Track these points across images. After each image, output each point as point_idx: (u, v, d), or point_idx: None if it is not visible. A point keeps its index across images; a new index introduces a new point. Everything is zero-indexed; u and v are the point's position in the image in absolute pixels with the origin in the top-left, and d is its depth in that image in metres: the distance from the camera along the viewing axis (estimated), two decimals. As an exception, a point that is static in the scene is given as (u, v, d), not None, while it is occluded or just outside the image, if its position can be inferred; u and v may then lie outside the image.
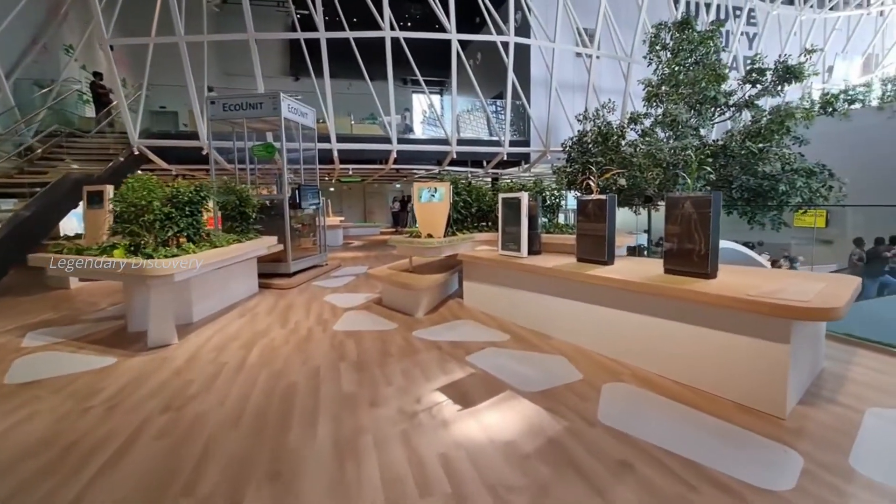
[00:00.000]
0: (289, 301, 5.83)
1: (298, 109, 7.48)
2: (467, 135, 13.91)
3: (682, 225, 3.20)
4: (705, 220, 3.07)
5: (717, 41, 9.35)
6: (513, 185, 5.76)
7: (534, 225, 4.72)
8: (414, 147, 12.25)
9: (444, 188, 5.07)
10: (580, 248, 4.12)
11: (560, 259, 4.31)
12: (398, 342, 4.02)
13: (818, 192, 8.02)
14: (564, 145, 10.79)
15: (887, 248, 9.05)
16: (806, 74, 8.67)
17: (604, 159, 10.00)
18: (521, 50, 14.83)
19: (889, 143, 11.78)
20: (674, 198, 3.27)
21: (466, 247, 5.27)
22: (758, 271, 3.39)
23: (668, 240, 3.32)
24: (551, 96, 12.63)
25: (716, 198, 3.05)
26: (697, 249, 3.14)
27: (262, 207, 6.98)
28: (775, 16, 14.96)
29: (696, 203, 3.12)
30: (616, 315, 3.41)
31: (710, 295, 2.67)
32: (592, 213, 3.96)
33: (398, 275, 5.09)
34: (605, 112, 10.41)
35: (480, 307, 5.08)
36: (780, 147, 8.44)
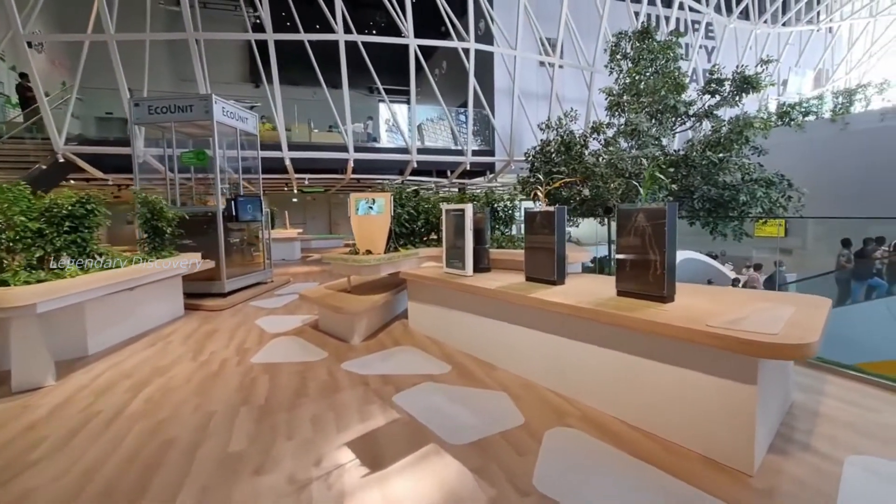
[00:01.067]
0: (214, 326, 5.18)
1: (236, 113, 6.87)
2: (433, 144, 13.52)
3: (636, 240, 2.80)
4: (660, 234, 2.68)
5: (676, 50, 9.28)
6: (462, 197, 5.32)
7: (481, 239, 4.28)
8: (372, 156, 11.73)
9: (383, 199, 4.57)
10: (528, 265, 3.69)
11: (509, 277, 3.87)
12: (321, 377, 3.46)
13: (778, 202, 7.94)
14: (527, 154, 10.50)
15: (875, 248, 8.81)
16: (763, 85, 8.66)
17: (567, 169, 9.75)
18: (484, 59, 14.62)
19: (841, 154, 12.03)
20: (625, 210, 2.87)
21: (411, 264, 4.77)
22: (720, 292, 3.02)
23: (621, 257, 2.91)
24: (514, 105, 12.40)
25: (671, 209, 2.67)
26: (653, 269, 2.75)
27: (192, 221, 6.32)
28: (732, 29, 15.31)
29: (649, 215, 2.73)
30: (564, 345, 2.98)
31: (664, 325, 2.25)
32: (541, 226, 3.54)
33: (331, 296, 4.54)
34: (567, 121, 10.19)
35: (425, 331, 4.58)
36: (740, 157, 8.36)
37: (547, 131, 10.35)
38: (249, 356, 4.03)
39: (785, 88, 15.69)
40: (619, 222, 2.91)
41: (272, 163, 10.64)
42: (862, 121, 11.65)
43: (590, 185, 9.43)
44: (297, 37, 10.21)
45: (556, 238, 3.40)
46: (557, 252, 3.41)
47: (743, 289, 3.15)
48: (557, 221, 3.40)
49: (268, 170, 11.50)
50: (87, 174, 9.99)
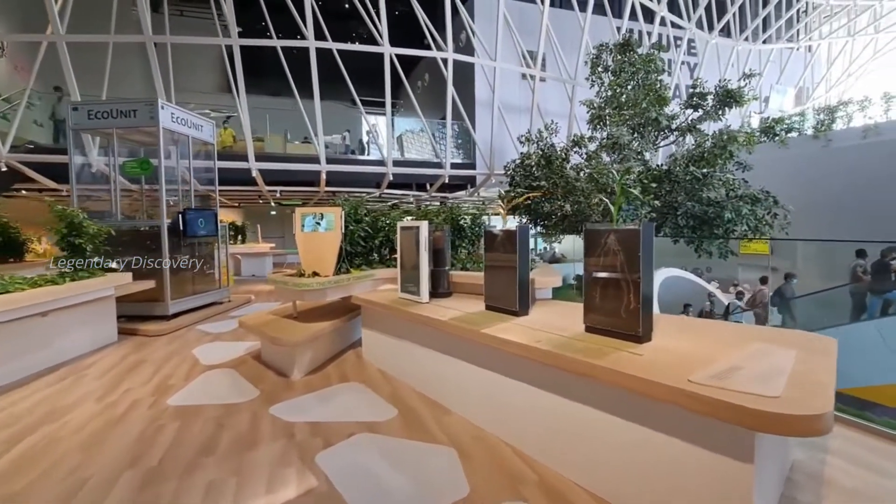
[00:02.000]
0: (143, 355, 4.59)
1: (188, 120, 6.37)
2: (414, 156, 13.13)
3: (606, 267, 2.35)
4: (633, 261, 2.23)
5: (658, 62, 9.06)
6: (429, 210, 4.86)
7: (440, 261, 3.81)
8: (346, 168, 11.27)
9: (332, 214, 4.09)
10: (488, 292, 3.22)
11: (470, 304, 3.39)
12: (240, 426, 2.92)
13: (763, 219, 7.64)
14: (507, 168, 10.14)
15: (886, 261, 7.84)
16: (746, 99, 8.44)
17: (547, 184, 9.40)
18: (465, 72, 14.36)
19: (824, 171, 11.90)
20: (594, 230, 2.43)
21: (365, 287, 4.27)
22: (705, 328, 2.57)
23: (591, 287, 2.46)
24: (494, 116, 12.09)
25: (647, 230, 2.23)
26: (626, 301, 2.29)
27: (135, 236, 5.76)
28: (714, 45, 15.34)
29: (622, 238, 2.29)
30: (523, 392, 2.49)
31: (636, 380, 1.78)
32: (502, 247, 3.08)
33: (272, 324, 4.00)
34: (548, 134, 9.88)
35: (379, 363, 4.06)
36: (724, 172, 8.08)
37: (527, 144, 10.02)
38: (168, 395, 3.46)
39: (767, 106, 15.72)
40: (587, 245, 2.46)
41: (240, 174, 10.12)
42: (845, 138, 11.57)
43: (571, 201, 9.08)
44: (265, 42, 9.80)
45: (519, 261, 2.94)
46: (520, 277, 2.95)
47: (733, 323, 2.69)
48: (520, 242, 2.94)
49: (236, 181, 10.98)
50: (38, 184, 9.35)
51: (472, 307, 3.31)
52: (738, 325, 2.66)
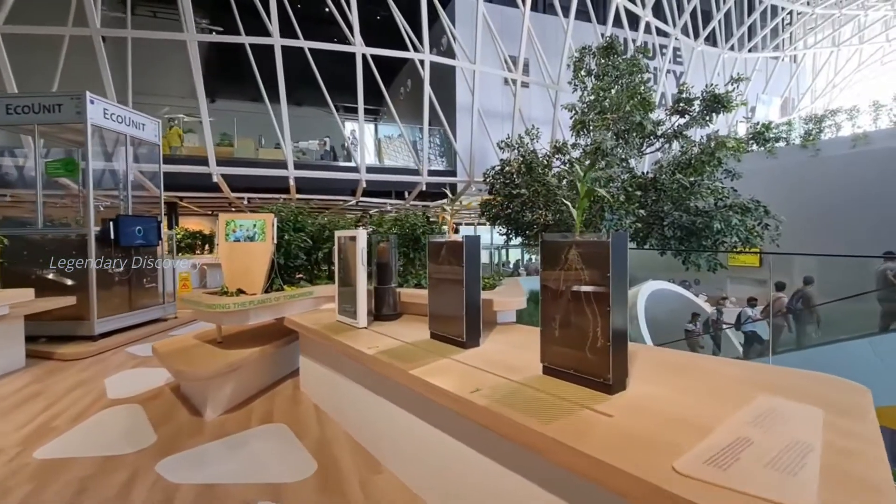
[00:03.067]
0: (43, 385, 3.91)
1: (126, 117, 5.75)
2: (393, 163, 12.59)
3: (567, 291, 1.80)
4: (602, 282, 1.68)
5: (642, 64, 8.68)
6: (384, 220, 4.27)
7: (385, 277, 3.23)
8: (317, 175, 10.68)
9: (263, 221, 3.49)
10: (434, 315, 2.64)
11: (416, 330, 2.81)
12: (108, 489, 2.28)
13: (754, 230, 7.19)
14: (486, 175, 9.63)
15: None
16: (734, 104, 8.06)
17: (528, 192, 8.91)
18: (446, 76, 13.94)
19: (812, 181, 11.59)
20: (552, 242, 1.88)
21: (303, 306, 3.67)
22: (696, 367, 2.01)
23: (548, 316, 1.90)
24: (474, 121, 11.63)
25: (618, 243, 1.67)
26: (591, 337, 1.73)
27: (56, 246, 5.11)
28: (700, 53, 15.14)
29: (587, 253, 1.74)
30: (462, 454, 1.90)
31: (597, 463, 1.21)
32: (447, 262, 2.51)
33: (187, 352, 3.37)
34: (529, 139, 9.41)
35: (316, 398, 3.45)
36: (712, 181, 7.65)
37: (507, 150, 9.54)
38: (41, 443, 2.80)
39: (753, 115, 15.52)
40: (544, 261, 1.90)
41: (203, 179, 9.47)
42: (833, 147, 11.29)
43: (553, 210, 8.59)
44: (225, 38, 9.27)
45: (467, 279, 2.37)
46: (468, 300, 2.38)
47: (732, 361, 2.13)
48: (468, 255, 2.37)
49: (201, 188, 10.33)
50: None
51: (417, 334, 2.73)
52: (738, 362, 2.11)
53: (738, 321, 8.07)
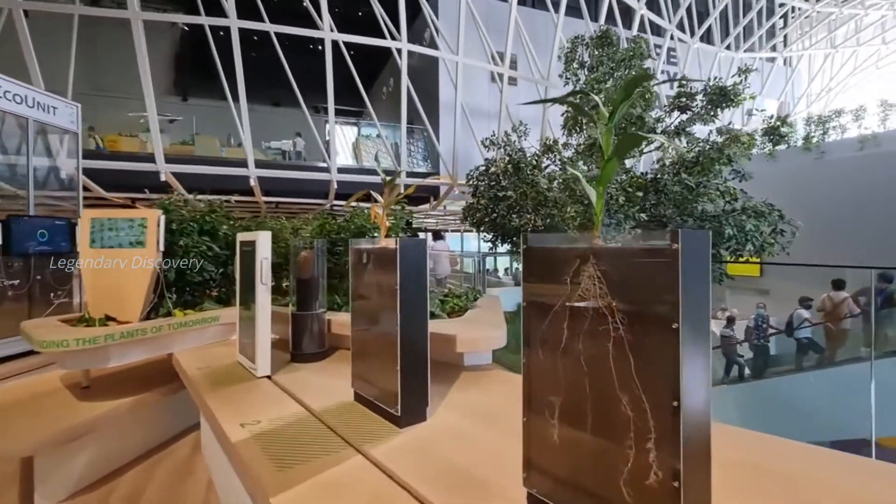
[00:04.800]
0: None
1: (28, 97, 4.73)
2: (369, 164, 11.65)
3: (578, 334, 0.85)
4: (654, 332, 0.73)
5: (644, 48, 7.90)
6: (325, 222, 3.30)
7: (307, 299, 2.27)
8: (283, 175, 9.69)
9: (142, 220, 2.51)
10: (357, 367, 1.68)
11: (340, 382, 1.85)
12: None
13: (771, 237, 6.36)
14: (470, 176, 8.73)
15: None
16: (741, 98, 7.27)
17: (515, 194, 8.01)
18: (429, 74, 13.10)
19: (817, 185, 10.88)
20: (540, 247, 0.94)
21: (203, 338, 2.69)
22: (809, 475, 1.07)
23: (537, 393, 0.95)
24: (457, 118, 10.75)
25: (692, 243, 0.73)
26: (636, 448, 0.78)
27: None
28: (695, 51, 14.52)
29: (621, 265, 0.80)
30: None
31: None
32: (374, 281, 1.56)
33: (11, 409, 2.36)
34: (517, 137, 8.54)
35: (216, 468, 2.45)
36: (721, 181, 6.83)
37: (492, 149, 8.66)
38: None
39: (750, 118, 14.94)
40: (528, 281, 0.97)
41: (148, 178, 8.43)
42: (839, 149, 10.61)
43: (542, 214, 7.70)
44: (173, 17, 8.27)
45: (402, 311, 1.42)
46: (405, 347, 1.43)
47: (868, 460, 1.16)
48: (405, 272, 1.43)
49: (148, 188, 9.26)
50: None
51: (339, 390, 1.77)
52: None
53: (790, 326, 6.77)
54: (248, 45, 14.97)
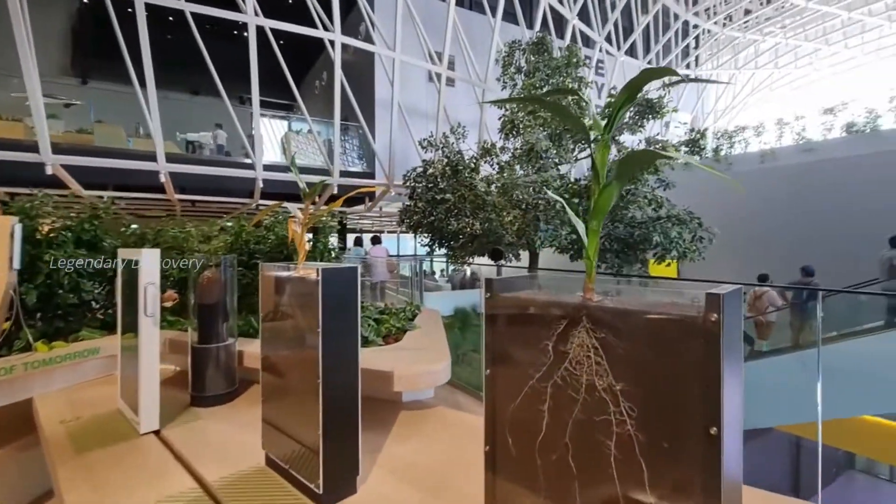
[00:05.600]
0: None
1: None
2: (305, 162, 10.92)
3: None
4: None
5: (580, 56, 8.10)
6: (242, 229, 2.85)
7: (210, 328, 1.87)
8: (200, 171, 8.77)
9: (-14, 230, 1.95)
10: (267, 425, 1.35)
11: (250, 437, 1.49)
12: None
13: (692, 243, 6.74)
14: (407, 177, 8.45)
15: None
16: (665, 110, 7.68)
17: (454, 197, 7.84)
18: (365, 71, 12.61)
19: (726, 194, 11.84)
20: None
21: (76, 375, 2.17)
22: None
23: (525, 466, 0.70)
24: (394, 117, 10.41)
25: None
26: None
27: None
28: (622, 64, 15.35)
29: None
30: None
31: None
32: (289, 320, 1.24)
33: None
34: (455, 139, 8.39)
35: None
36: (648, 189, 7.15)
37: (430, 150, 8.43)
38: None
39: (667, 130, 16.06)
40: (492, 339, 0.71)
41: (29, 171, 7.20)
42: (744, 162, 11.68)
43: (481, 218, 7.60)
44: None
45: (324, 363, 1.12)
46: (327, 399, 1.12)
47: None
48: (329, 309, 1.12)
49: (30, 182, 7.94)
50: None
51: (247, 448, 1.42)
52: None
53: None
54: (161, 24, 13.61)
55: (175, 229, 2.90)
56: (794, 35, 18.92)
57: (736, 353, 0.52)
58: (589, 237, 0.67)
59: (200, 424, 1.68)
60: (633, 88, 0.66)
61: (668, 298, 0.59)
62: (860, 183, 9.24)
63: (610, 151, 0.75)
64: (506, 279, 0.73)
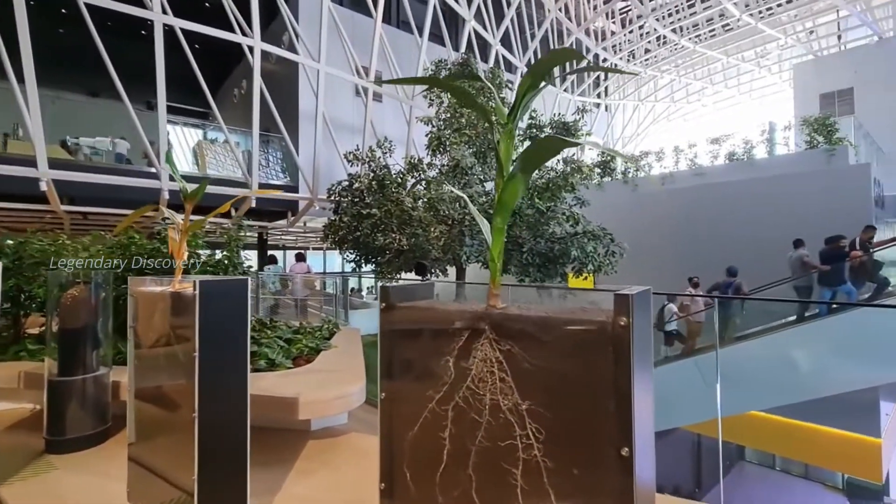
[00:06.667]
0: None
1: None
2: (218, 173, 10.14)
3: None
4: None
5: (501, 78, 8.44)
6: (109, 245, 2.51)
7: (74, 357, 1.57)
8: (93, 179, 7.81)
9: None
10: (135, 464, 1.12)
11: (115, 484, 1.22)
12: None
13: (606, 257, 7.18)
14: (331, 191, 8.16)
15: (839, 245, 6.68)
16: (580, 133, 8.22)
17: (380, 211, 7.70)
18: (289, 80, 12.18)
19: (635, 213, 12.84)
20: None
21: None
22: None
23: None
24: (319, 130, 10.09)
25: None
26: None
27: None
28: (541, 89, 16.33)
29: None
30: None
31: None
32: (162, 343, 1.05)
33: None
34: (381, 153, 8.29)
35: None
36: (566, 207, 7.56)
37: (356, 164, 8.25)
38: None
39: (582, 152, 17.28)
40: (387, 358, 0.61)
41: None
42: (647, 184, 12.85)
43: (408, 233, 7.53)
44: None
45: (202, 391, 0.94)
46: (204, 438, 0.95)
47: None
48: (208, 331, 0.96)
49: None
50: None
51: (111, 501, 1.17)
52: None
53: (661, 320, 7.07)
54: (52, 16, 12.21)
55: (44, 241, 2.47)
56: (685, 74, 21.45)
57: (647, 361, 0.47)
58: (494, 236, 0.60)
59: (54, 477, 1.38)
60: (536, 73, 0.61)
61: (579, 305, 0.53)
62: (740, 202, 10.55)
63: (516, 148, 0.69)
64: (404, 287, 0.64)
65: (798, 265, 7.10)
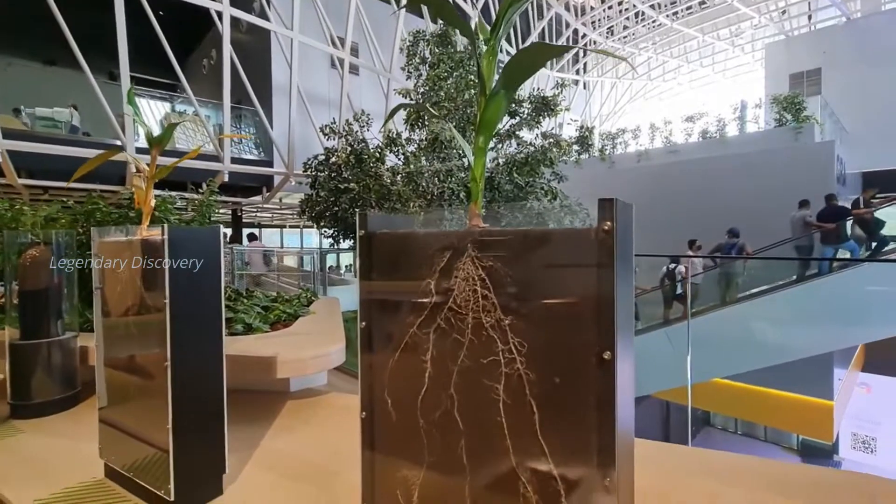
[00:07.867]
0: None
1: None
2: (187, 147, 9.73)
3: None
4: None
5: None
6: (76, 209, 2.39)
7: (37, 321, 1.51)
8: (53, 150, 7.40)
9: None
10: (106, 423, 1.09)
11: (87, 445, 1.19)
12: None
13: (583, 232, 7.27)
14: (307, 165, 7.97)
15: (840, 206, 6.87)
16: (559, 108, 8.19)
17: (358, 186, 7.57)
18: (261, 50, 11.68)
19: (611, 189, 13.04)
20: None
21: None
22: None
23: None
24: (293, 103, 9.77)
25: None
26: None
27: None
28: (521, 65, 16.16)
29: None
30: None
31: None
32: (130, 291, 1.00)
33: None
34: (359, 126, 8.09)
35: None
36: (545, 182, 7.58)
37: (333, 137, 8.04)
38: None
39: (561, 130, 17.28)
40: (367, 288, 0.60)
41: None
42: (624, 160, 12.99)
43: (386, 208, 7.45)
44: None
45: (174, 338, 0.91)
46: (177, 386, 0.92)
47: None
48: (178, 277, 0.92)
49: None
50: None
51: (81, 461, 1.14)
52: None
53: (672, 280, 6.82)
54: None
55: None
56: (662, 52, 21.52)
57: (628, 267, 0.47)
58: (475, 156, 0.59)
59: (20, 440, 1.33)
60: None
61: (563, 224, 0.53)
62: (711, 177, 10.81)
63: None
64: (384, 216, 0.63)
65: (800, 225, 7.17)
